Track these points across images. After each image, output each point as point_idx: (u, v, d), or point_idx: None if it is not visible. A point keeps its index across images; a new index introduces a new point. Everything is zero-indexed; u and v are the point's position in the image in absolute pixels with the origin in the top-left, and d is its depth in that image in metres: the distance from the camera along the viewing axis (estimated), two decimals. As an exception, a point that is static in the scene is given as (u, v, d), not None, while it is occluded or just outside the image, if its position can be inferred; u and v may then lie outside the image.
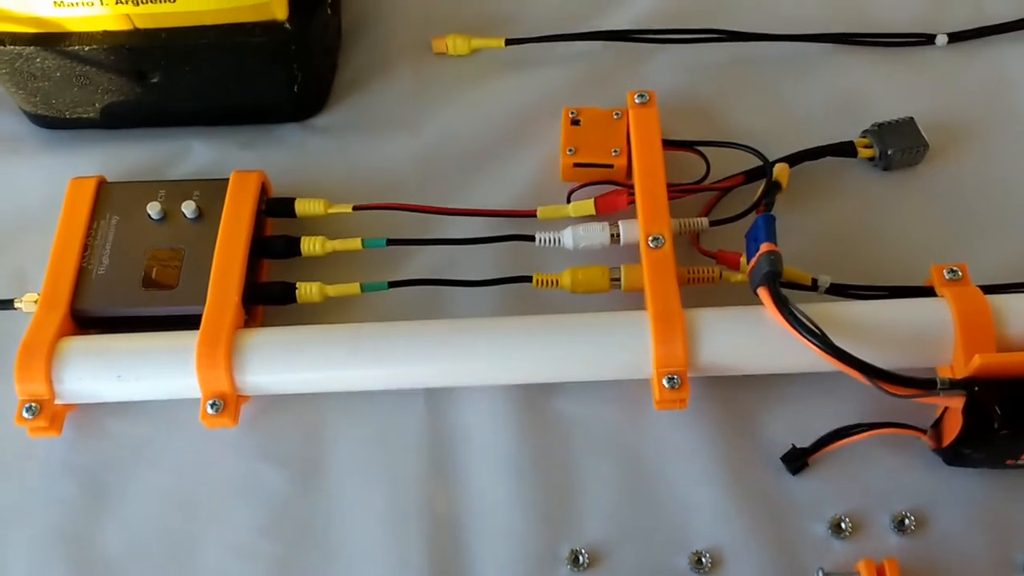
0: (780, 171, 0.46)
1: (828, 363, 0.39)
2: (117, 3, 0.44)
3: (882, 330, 0.41)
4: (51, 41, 0.45)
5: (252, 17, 0.45)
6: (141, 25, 0.45)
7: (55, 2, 0.44)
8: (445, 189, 0.49)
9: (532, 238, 0.46)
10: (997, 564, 0.40)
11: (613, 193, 0.47)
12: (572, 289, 0.44)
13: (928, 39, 0.52)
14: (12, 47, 0.46)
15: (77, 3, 0.44)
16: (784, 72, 0.52)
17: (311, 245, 0.46)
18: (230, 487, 0.42)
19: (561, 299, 0.45)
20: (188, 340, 0.42)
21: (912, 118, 0.49)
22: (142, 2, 0.44)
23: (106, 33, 0.45)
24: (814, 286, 0.44)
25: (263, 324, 0.45)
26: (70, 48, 0.46)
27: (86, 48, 0.45)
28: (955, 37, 0.52)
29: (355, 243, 0.46)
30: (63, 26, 0.45)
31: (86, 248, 0.45)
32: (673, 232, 0.44)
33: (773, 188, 0.45)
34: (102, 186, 0.47)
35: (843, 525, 0.40)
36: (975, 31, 0.52)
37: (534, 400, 0.44)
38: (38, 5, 0.44)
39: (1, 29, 0.45)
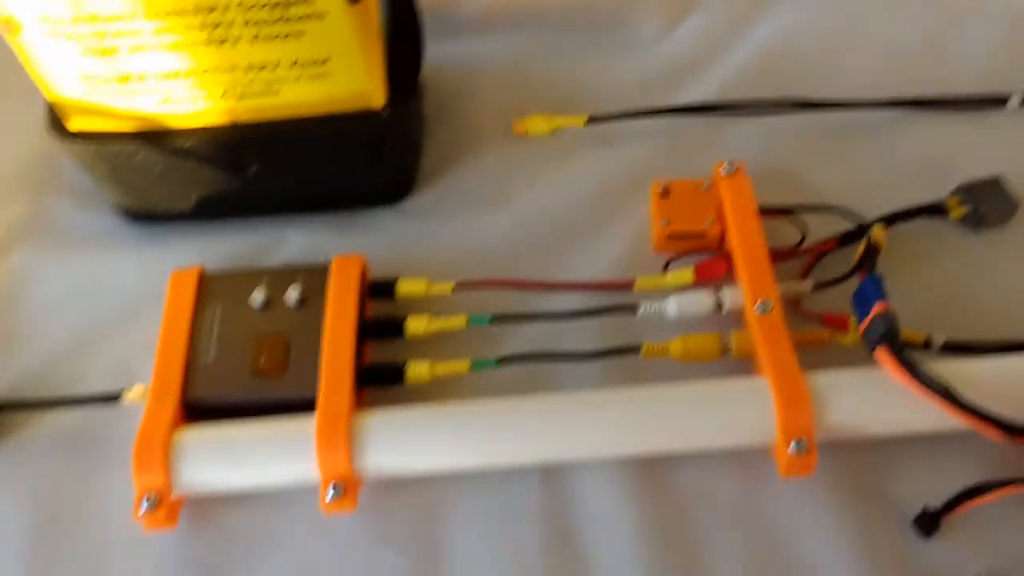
0: (877, 232, 0.47)
1: (956, 421, 0.39)
2: (222, 97, 0.45)
3: (1009, 386, 0.41)
4: (154, 138, 0.46)
5: (351, 106, 0.46)
6: (242, 119, 0.46)
7: (160, 100, 0.45)
8: (536, 264, 0.50)
9: (634, 309, 0.46)
10: None
11: (712, 261, 0.47)
12: (683, 358, 0.44)
13: (1000, 101, 0.53)
14: (114, 145, 0.46)
15: (182, 100, 0.45)
16: (862, 138, 0.53)
17: (417, 324, 0.46)
18: (349, 574, 0.42)
19: (665, 370, 0.45)
20: (305, 425, 0.41)
21: (998, 177, 0.49)
22: (246, 97, 0.45)
23: (208, 128, 0.46)
24: (927, 345, 0.44)
25: (369, 406, 0.45)
26: (172, 144, 0.46)
27: (188, 143, 0.46)
28: (1027, 98, 0.54)
29: (460, 321, 0.46)
30: (165, 123, 0.46)
31: (192, 338, 0.45)
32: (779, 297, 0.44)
33: (873, 250, 0.46)
34: (203, 277, 0.47)
35: (983, 587, 0.40)
36: (1046, 91, 0.54)
37: (652, 473, 0.43)
38: (143, 103, 0.45)
39: (104, 128, 0.46)
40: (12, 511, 0.44)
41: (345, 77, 0.44)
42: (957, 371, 0.41)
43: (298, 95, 0.45)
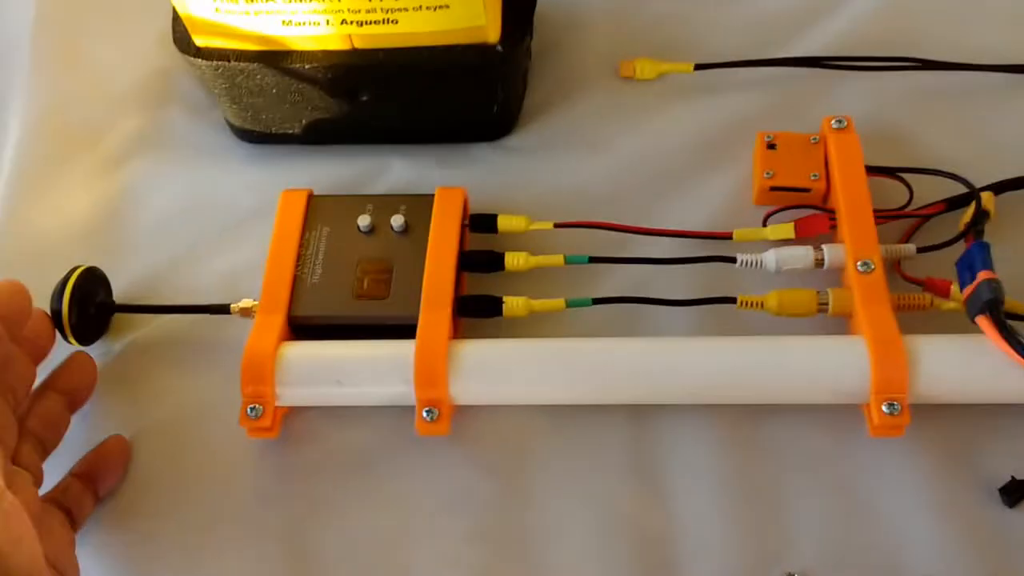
0: (987, 198, 0.46)
1: (1054, 394, 0.39)
2: (342, 23, 0.46)
3: (1110, 363, 0.40)
4: (274, 58, 0.47)
5: (467, 39, 0.46)
6: (360, 45, 0.47)
7: (283, 21, 0.46)
8: (634, 209, 0.50)
9: (732, 259, 0.46)
10: None
11: (814, 216, 0.47)
12: (777, 312, 0.44)
13: None
14: (237, 63, 0.48)
15: (304, 22, 0.46)
16: (976, 102, 0.52)
17: (515, 260, 0.47)
18: (440, 494, 0.43)
19: (758, 323, 0.45)
20: (406, 348, 0.43)
21: (1117, 148, 0.48)
22: (365, 23, 0.45)
23: (327, 52, 0.47)
24: (1031, 316, 0.44)
25: (465, 336, 0.46)
26: (291, 66, 0.47)
27: (307, 66, 0.47)
28: None
29: (558, 259, 0.47)
30: (286, 44, 0.47)
31: (299, 257, 0.47)
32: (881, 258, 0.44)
33: (982, 216, 0.45)
34: (311, 198, 0.49)
35: (1066, 560, 0.40)
36: None
37: (741, 422, 0.44)
38: (266, 24, 0.46)
39: (227, 46, 0.48)
40: (121, 408, 0.46)
41: (463, 10, 0.45)
42: (1060, 344, 0.40)
43: (416, 25, 0.45)
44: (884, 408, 0.40)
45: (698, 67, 0.54)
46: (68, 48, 0.57)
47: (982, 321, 0.41)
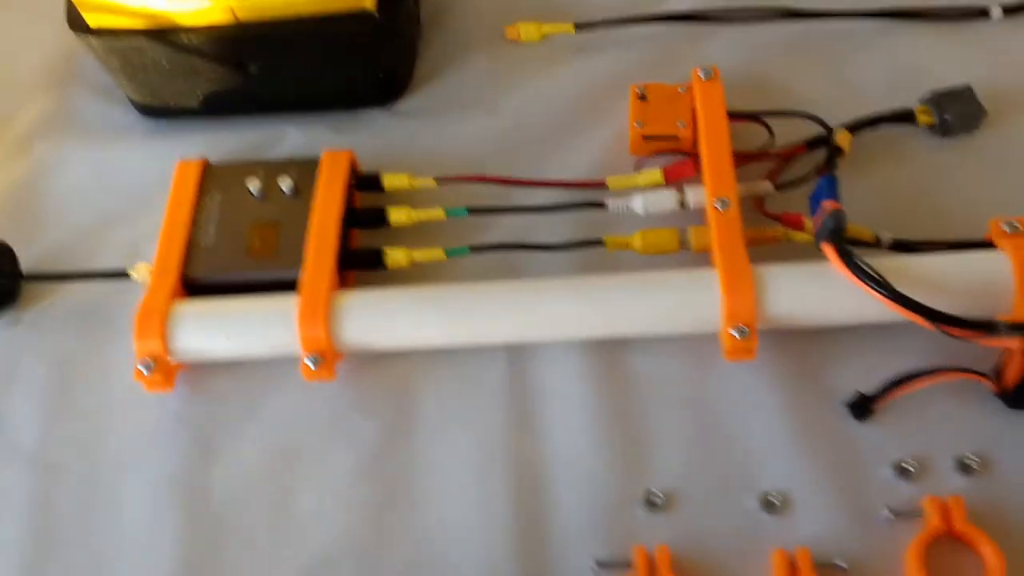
0: (841, 137, 0.48)
1: (892, 312, 0.41)
2: (221, -4, 0.48)
3: (944, 281, 0.43)
4: (161, 34, 0.50)
5: (343, 7, 0.49)
6: (243, 17, 0.49)
7: (166, -3, 0.48)
8: (521, 165, 0.52)
9: (604, 205, 0.49)
10: (1063, 503, 0.41)
11: (680, 162, 0.49)
12: (643, 250, 0.47)
13: (983, 12, 0.54)
14: (127, 39, 0.50)
15: (186, -2, 0.48)
16: (843, 47, 0.54)
17: (398, 215, 0.49)
18: (327, 437, 0.46)
19: (631, 262, 0.48)
20: (290, 301, 0.45)
21: (969, 86, 0.50)
22: (244, -5, 0.48)
23: (211, 26, 0.50)
24: (877, 242, 0.46)
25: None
26: (178, 40, 0.50)
27: (193, 40, 0.50)
28: (1010, 11, 0.54)
29: (438, 213, 0.49)
30: (172, 20, 0.50)
31: (193, 222, 0.49)
32: (739, 196, 0.47)
33: (835, 152, 0.48)
34: (206, 167, 0.51)
35: (908, 467, 0.42)
36: (1029, 3, 0.54)
37: (609, 355, 0.46)
38: (151, 1, 0.48)
39: (116, 23, 0.50)
40: (33, 371, 0.49)
41: (335, -22, 0.47)
42: (897, 266, 0.43)
43: (293, -5, 0.48)
44: (734, 332, 0.43)
45: (578, 27, 0.56)
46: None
47: (826, 248, 0.43)
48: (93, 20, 0.50)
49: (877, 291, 0.41)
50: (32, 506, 0.45)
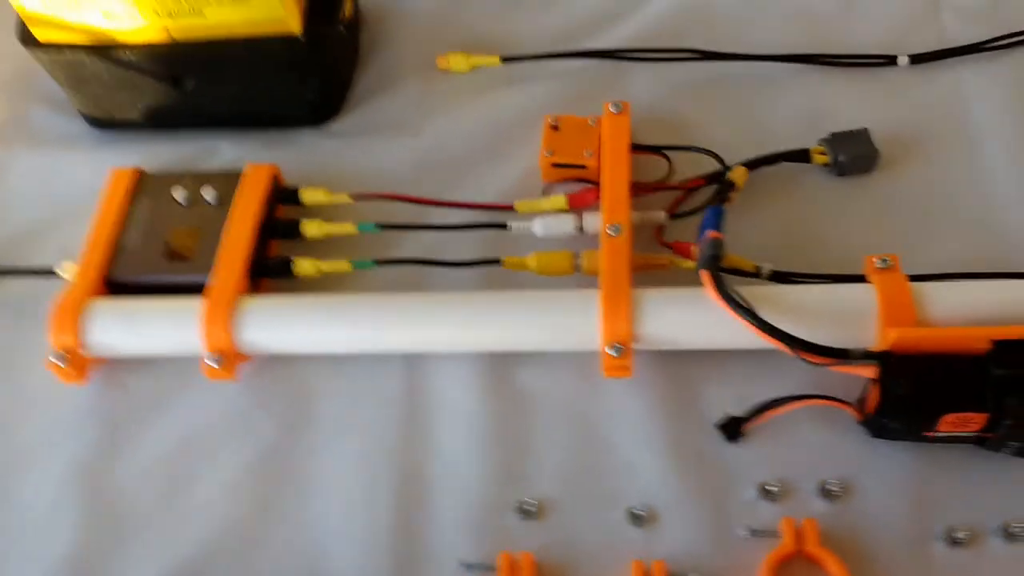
0: (736, 172, 0.50)
1: (760, 339, 0.43)
2: (156, 15, 0.51)
3: (813, 310, 0.44)
4: (102, 49, 0.53)
5: (271, 30, 0.52)
6: (177, 37, 0.52)
7: (104, 13, 0.51)
8: (439, 188, 0.55)
9: (505, 226, 0.51)
10: (917, 531, 0.42)
11: (584, 190, 0.52)
12: (538, 271, 0.49)
13: (891, 60, 0.56)
14: (70, 53, 0.53)
15: (123, 16, 0.51)
16: (753, 89, 0.57)
17: (311, 228, 0.52)
18: (226, 434, 0.48)
19: (531, 281, 0.50)
20: (198, 303, 0.48)
21: (866, 129, 0.53)
22: (176, 16, 0.51)
23: (148, 44, 0.53)
24: (757, 273, 0.48)
25: (266, 297, 0.51)
26: (117, 56, 0.53)
27: (131, 56, 0.53)
28: (916, 59, 0.56)
29: (349, 227, 0.52)
30: (112, 37, 0.53)
31: (122, 226, 0.52)
32: (634, 223, 0.49)
33: (726, 186, 0.50)
34: (140, 176, 0.54)
35: (770, 489, 0.44)
36: (935, 53, 0.56)
37: (499, 369, 0.48)
38: (90, 18, 0.52)
39: (60, 38, 0.53)
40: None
41: (261, 3, 0.50)
42: (771, 295, 0.45)
43: (221, 17, 0.51)
44: (610, 350, 0.45)
45: (505, 60, 0.59)
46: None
47: (703, 274, 0.45)
48: (41, 34, 0.53)
49: (743, 317, 0.43)
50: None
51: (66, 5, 0.51)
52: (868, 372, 0.42)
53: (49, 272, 0.52)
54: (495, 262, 0.50)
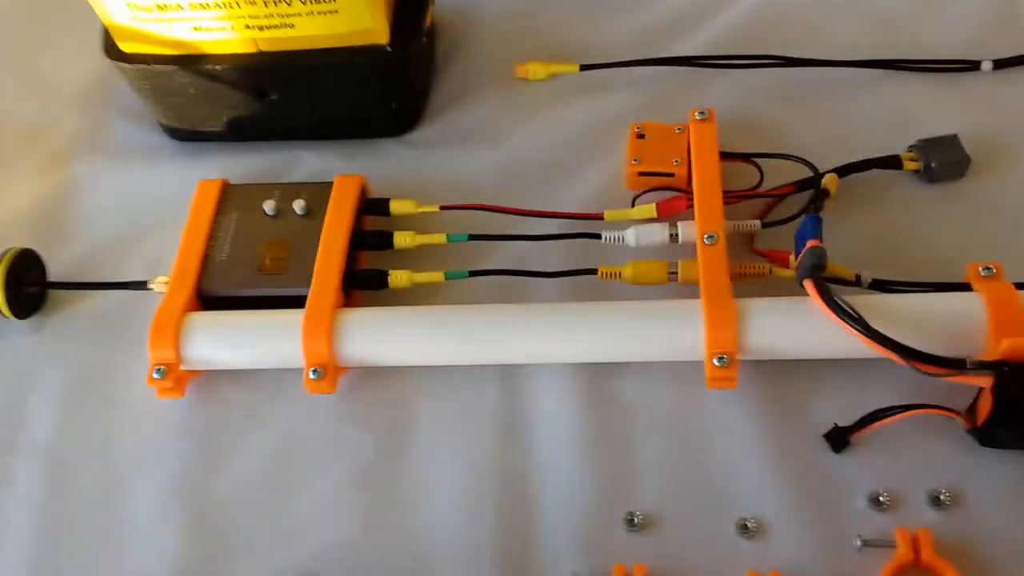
0: (829, 180, 0.50)
1: (868, 348, 0.43)
2: (246, 28, 0.51)
3: (919, 320, 0.44)
4: (188, 61, 0.53)
5: (359, 41, 0.52)
6: (265, 48, 0.52)
7: (194, 27, 0.51)
8: (522, 197, 0.54)
9: (599, 236, 0.51)
10: (1029, 540, 0.42)
11: (673, 198, 0.52)
12: (633, 281, 0.49)
13: (974, 65, 0.56)
14: (156, 66, 0.53)
15: (212, 28, 0.51)
16: (833, 95, 0.57)
17: (403, 239, 0.52)
18: (327, 447, 0.48)
19: (622, 291, 0.50)
20: (296, 316, 0.48)
21: (956, 135, 0.52)
22: (266, 28, 0.51)
23: (235, 55, 0.53)
24: (857, 281, 0.48)
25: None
26: (204, 67, 0.53)
27: (217, 68, 0.53)
28: (1000, 64, 0.56)
29: (440, 238, 0.52)
30: (199, 48, 0.53)
31: (211, 239, 0.52)
32: (727, 232, 0.49)
33: (821, 194, 0.50)
34: (225, 187, 0.54)
35: (881, 499, 0.44)
36: (1018, 58, 0.56)
37: (598, 379, 0.48)
38: (179, 30, 0.52)
39: (147, 50, 0.53)
40: (52, 374, 0.51)
41: (350, 13, 0.50)
42: (875, 304, 0.45)
43: (311, 29, 0.51)
44: (715, 362, 0.45)
45: (584, 67, 0.59)
46: (17, 56, 0.64)
47: (807, 284, 0.45)
48: (127, 47, 0.53)
49: (853, 327, 0.43)
50: (45, 503, 0.48)
51: (156, 19, 0.51)
52: (982, 382, 0.42)
53: (140, 285, 0.52)
54: (589, 272, 0.50)
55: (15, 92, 0.62)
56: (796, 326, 0.45)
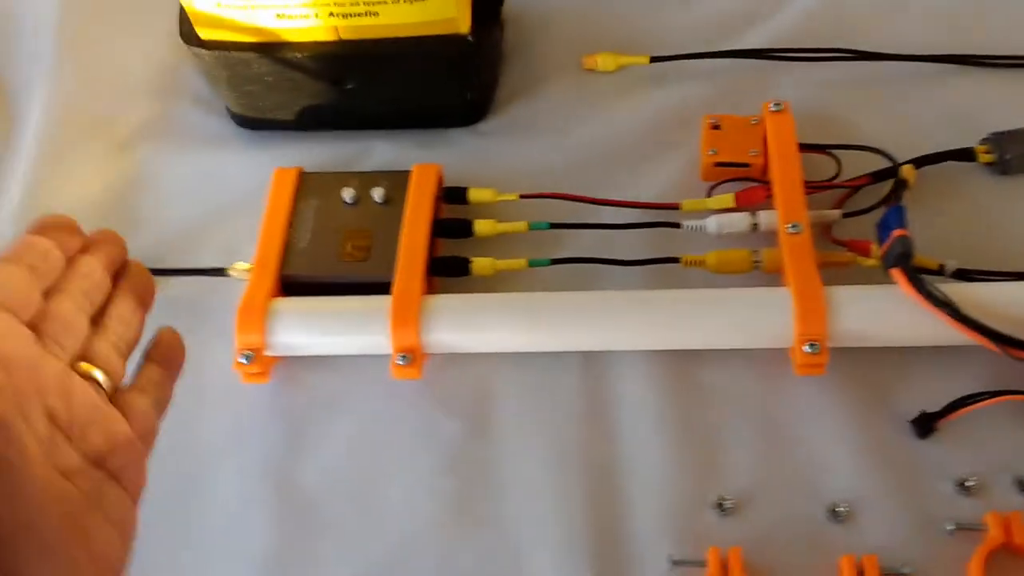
0: (907, 170, 0.51)
1: (955, 335, 0.44)
2: (330, 16, 0.51)
3: (1006, 308, 0.45)
4: (269, 48, 0.53)
5: (441, 30, 0.52)
6: (345, 36, 0.53)
7: (277, 15, 0.51)
8: (593, 187, 0.54)
9: (678, 225, 0.51)
10: (1117, 525, 0.43)
11: (751, 188, 0.52)
12: (716, 269, 0.50)
13: (1042, 61, 0.57)
14: (236, 53, 0.53)
15: (296, 15, 0.51)
16: (907, 88, 0.57)
17: (483, 226, 0.52)
18: (412, 433, 0.48)
19: (703, 280, 0.50)
20: (382, 303, 0.48)
21: (1027, 128, 0.53)
22: (350, 16, 0.51)
23: (316, 43, 0.53)
24: (941, 270, 0.48)
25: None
26: (284, 55, 0.53)
27: (297, 56, 0.53)
28: (1068, 58, 0.57)
29: (522, 226, 0.52)
30: (280, 36, 0.53)
31: (290, 225, 0.52)
32: (809, 221, 0.49)
33: (901, 184, 0.50)
34: (302, 175, 0.54)
35: (968, 484, 0.44)
36: (1089, 53, 0.57)
37: (678, 365, 0.49)
38: (262, 17, 0.52)
39: (227, 38, 0.53)
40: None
41: (437, 4, 0.50)
42: (963, 292, 0.45)
43: (395, 17, 0.51)
44: (806, 348, 0.45)
45: (654, 59, 0.59)
46: (88, 42, 0.64)
47: (895, 272, 0.45)
48: (205, 34, 0.54)
49: (946, 313, 0.43)
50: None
51: (241, 5, 0.51)
52: (1073, 368, 0.42)
53: (218, 272, 0.52)
54: (672, 260, 0.50)
55: (86, 79, 0.62)
56: (884, 313, 0.46)
